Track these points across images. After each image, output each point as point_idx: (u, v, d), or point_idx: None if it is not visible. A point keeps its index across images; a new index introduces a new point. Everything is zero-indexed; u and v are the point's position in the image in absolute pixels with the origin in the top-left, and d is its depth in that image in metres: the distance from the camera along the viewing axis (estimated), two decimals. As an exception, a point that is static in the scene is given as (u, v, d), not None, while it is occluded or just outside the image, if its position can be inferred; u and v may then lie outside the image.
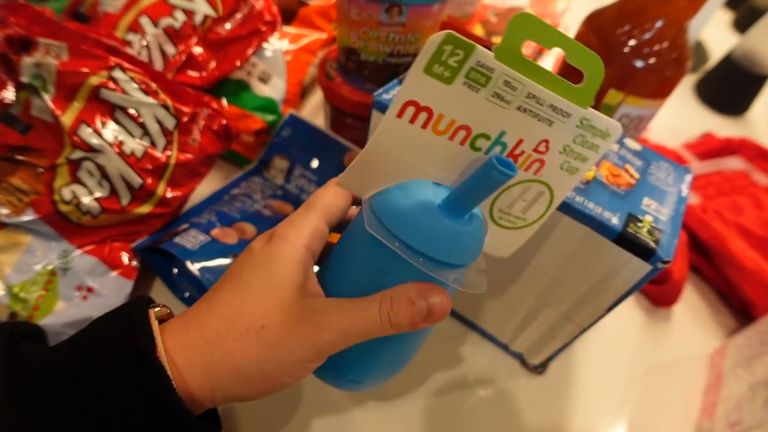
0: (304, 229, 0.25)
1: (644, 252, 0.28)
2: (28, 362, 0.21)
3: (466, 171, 0.23)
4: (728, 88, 0.79)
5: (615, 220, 0.29)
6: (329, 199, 0.26)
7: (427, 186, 0.23)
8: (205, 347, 0.22)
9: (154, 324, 0.22)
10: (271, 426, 0.36)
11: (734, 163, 0.65)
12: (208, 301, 0.24)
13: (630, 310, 0.50)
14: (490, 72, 0.20)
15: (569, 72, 0.50)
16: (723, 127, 0.76)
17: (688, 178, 0.34)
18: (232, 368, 0.22)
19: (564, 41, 0.20)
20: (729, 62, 0.77)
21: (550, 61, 0.63)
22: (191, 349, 0.22)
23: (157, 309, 0.24)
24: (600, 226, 0.29)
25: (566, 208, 0.29)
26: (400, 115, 0.20)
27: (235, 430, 0.36)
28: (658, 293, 0.50)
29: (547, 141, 0.23)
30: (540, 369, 0.43)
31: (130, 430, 0.20)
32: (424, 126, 0.21)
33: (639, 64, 0.43)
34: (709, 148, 0.66)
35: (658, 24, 0.43)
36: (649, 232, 0.29)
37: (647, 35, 0.43)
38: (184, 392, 0.21)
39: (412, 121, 0.21)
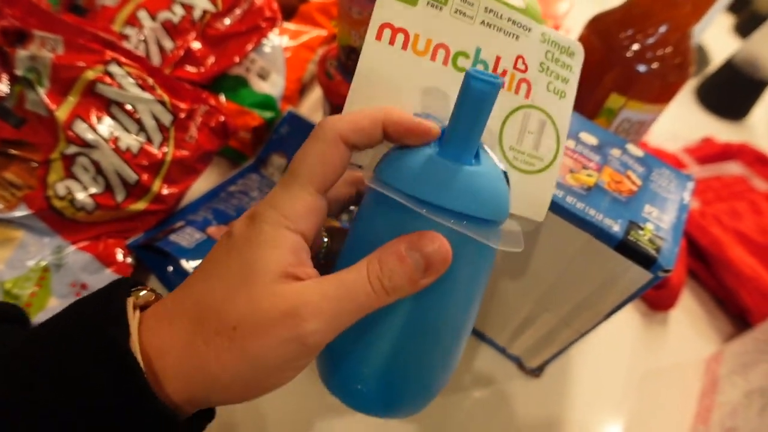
0: (288, 207, 0.20)
1: (645, 260, 0.28)
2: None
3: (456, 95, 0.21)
4: (729, 92, 0.79)
5: (616, 228, 0.29)
6: (314, 161, 0.21)
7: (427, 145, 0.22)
8: (177, 355, 0.19)
9: (131, 317, 0.20)
10: (265, 426, 0.36)
11: (733, 169, 0.65)
12: (183, 290, 0.21)
13: (627, 315, 0.50)
14: None
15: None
16: (723, 132, 0.76)
17: (690, 185, 0.34)
18: (209, 379, 0.19)
19: None
20: (730, 67, 0.77)
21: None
22: (166, 355, 0.19)
23: (141, 293, 0.22)
24: (601, 233, 0.29)
25: (567, 214, 0.29)
26: (378, 37, 0.21)
27: (232, 427, 0.35)
28: (656, 298, 0.50)
29: (521, 57, 0.24)
30: (537, 372, 0.43)
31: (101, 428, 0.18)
32: (404, 47, 0.22)
33: (642, 68, 0.43)
34: (709, 152, 0.66)
35: (662, 29, 0.42)
36: (650, 240, 0.29)
37: (651, 40, 0.43)
38: (161, 395, 0.19)
39: (391, 42, 0.22)
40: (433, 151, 0.21)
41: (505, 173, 0.22)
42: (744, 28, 1.01)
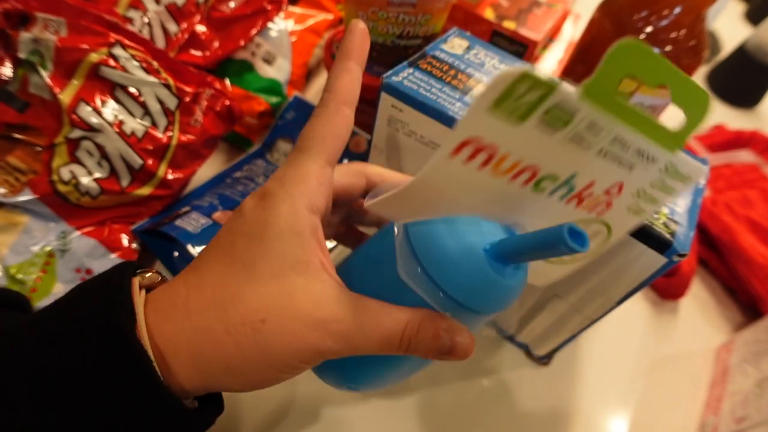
0: (303, 185, 0.20)
1: (660, 244, 0.28)
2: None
3: (523, 211, 0.20)
4: (740, 79, 0.78)
5: (631, 211, 0.28)
6: (321, 132, 0.21)
7: (475, 223, 0.21)
8: (192, 337, 0.19)
9: (137, 301, 0.19)
10: (271, 413, 0.36)
11: (745, 156, 0.64)
12: (196, 273, 0.20)
13: (637, 303, 0.50)
14: (572, 114, 0.16)
15: (577, 62, 0.48)
16: (734, 119, 0.75)
17: (705, 169, 0.33)
18: (225, 363, 0.19)
19: (673, 77, 0.17)
20: (742, 54, 0.76)
21: (557, 48, 0.62)
22: (177, 335, 0.19)
23: (147, 275, 0.21)
24: (615, 217, 0.28)
25: (580, 197, 0.28)
26: (455, 153, 0.17)
27: (233, 422, 0.35)
28: (666, 286, 0.50)
29: (621, 185, 0.20)
30: (545, 360, 0.42)
31: (105, 419, 0.18)
32: (482, 166, 0.17)
33: (655, 51, 0.42)
34: (720, 140, 0.65)
35: (677, 11, 0.41)
36: (665, 225, 0.28)
37: (664, 22, 0.42)
38: (171, 382, 0.19)
39: (468, 160, 0.17)
40: (480, 246, 0.20)
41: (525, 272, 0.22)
42: (755, 15, 0.99)
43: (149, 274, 0.22)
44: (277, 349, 0.19)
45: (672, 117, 0.66)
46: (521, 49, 0.51)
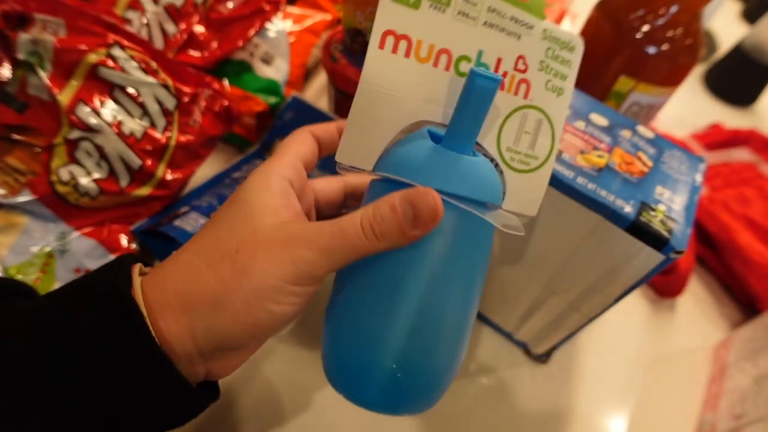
0: (274, 162, 0.24)
1: (657, 241, 0.28)
2: (9, 312, 0.21)
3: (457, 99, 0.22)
4: (737, 78, 0.78)
5: (628, 209, 0.28)
6: (291, 141, 0.26)
7: (424, 134, 0.23)
8: (178, 278, 0.21)
9: (134, 269, 0.22)
10: (275, 411, 0.36)
11: (742, 155, 0.64)
12: (186, 243, 0.23)
13: (634, 301, 0.50)
14: None
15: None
16: (731, 118, 0.75)
17: (702, 167, 0.34)
18: (209, 297, 0.20)
19: None
20: (738, 52, 0.76)
21: None
22: (164, 281, 0.21)
23: (146, 267, 0.24)
24: (612, 215, 0.28)
25: (578, 195, 0.29)
26: (381, 45, 0.21)
27: (234, 425, 0.35)
28: (664, 284, 0.50)
29: (522, 57, 0.24)
30: (544, 358, 0.42)
31: (98, 368, 0.19)
32: (407, 55, 0.22)
33: (651, 50, 0.42)
34: (717, 139, 0.65)
35: (673, 9, 0.42)
36: (662, 222, 0.28)
37: (661, 21, 0.42)
38: (162, 332, 0.20)
39: (394, 50, 0.22)
40: (432, 145, 0.22)
41: (495, 163, 0.25)
42: (751, 14, 0.99)
43: (148, 267, 0.23)
44: (254, 272, 0.20)
45: (671, 115, 0.66)
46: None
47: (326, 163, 0.47)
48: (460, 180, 0.21)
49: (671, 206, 0.30)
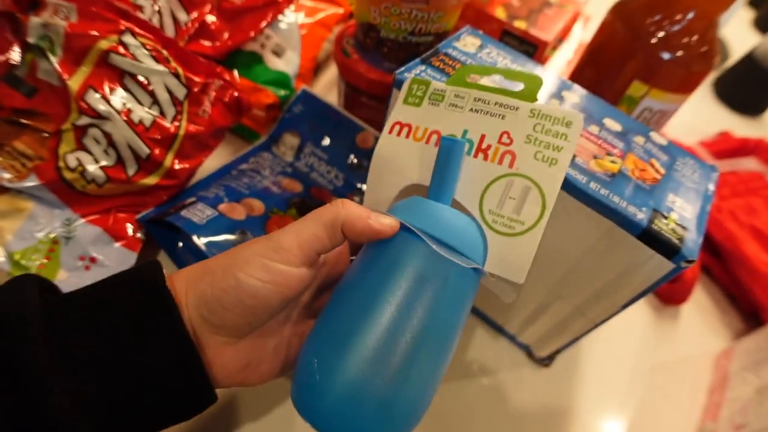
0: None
1: (668, 250, 0.28)
2: (57, 300, 0.23)
3: None
4: (747, 87, 0.78)
5: (640, 216, 0.28)
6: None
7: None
8: (192, 269, 0.25)
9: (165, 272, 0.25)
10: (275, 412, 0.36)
11: (750, 164, 0.64)
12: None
13: (638, 307, 0.50)
14: (443, 92, 0.28)
15: (587, 65, 0.48)
16: (740, 127, 0.75)
17: (715, 176, 0.33)
18: (202, 266, 0.25)
19: (500, 70, 0.28)
20: (749, 61, 0.75)
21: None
22: (185, 273, 0.25)
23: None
24: (624, 221, 0.28)
25: (590, 200, 0.29)
26: (390, 131, 0.29)
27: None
28: (668, 291, 0.50)
29: (507, 132, 0.27)
30: (546, 362, 0.42)
31: (134, 344, 0.23)
32: (407, 136, 0.28)
33: (666, 56, 0.42)
34: (725, 147, 0.65)
35: (690, 16, 0.41)
36: (674, 230, 0.28)
37: (677, 27, 0.42)
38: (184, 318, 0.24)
39: (398, 134, 0.29)
40: (420, 198, 0.26)
41: (479, 226, 0.26)
42: (763, 23, 0.99)
43: None
44: (238, 251, 0.24)
45: (680, 122, 0.65)
46: (531, 49, 0.51)
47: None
48: (430, 220, 0.25)
49: (683, 214, 0.29)
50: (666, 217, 0.29)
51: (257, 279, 0.23)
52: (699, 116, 0.73)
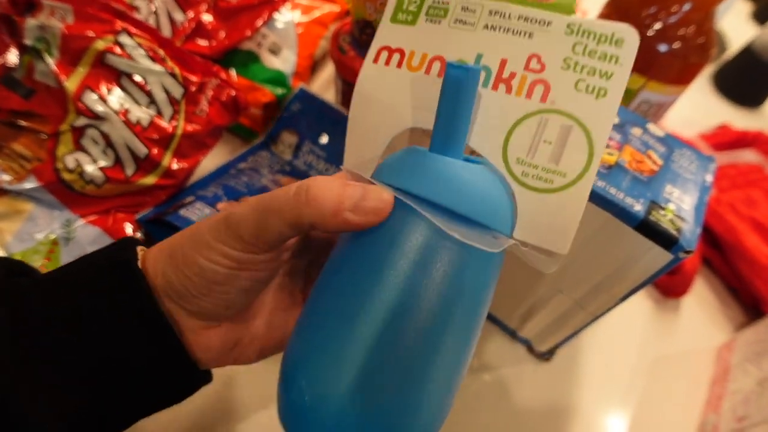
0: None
1: (666, 241, 0.28)
2: (19, 286, 0.22)
3: None
4: (746, 79, 0.78)
5: (638, 207, 0.28)
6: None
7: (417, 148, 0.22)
8: (160, 246, 0.23)
9: (139, 249, 0.23)
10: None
11: (749, 156, 0.64)
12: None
13: (639, 300, 0.50)
14: (446, 4, 0.22)
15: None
16: (739, 119, 0.74)
17: (712, 167, 0.33)
18: (168, 246, 0.22)
19: None
20: (748, 53, 0.75)
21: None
22: (155, 252, 0.23)
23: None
24: (622, 213, 0.28)
25: (587, 192, 0.28)
26: (375, 60, 0.23)
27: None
28: (669, 284, 0.50)
29: (537, 56, 0.21)
30: (547, 356, 0.42)
31: (109, 327, 0.21)
32: (399, 65, 0.22)
33: (663, 48, 0.42)
34: (724, 140, 0.65)
35: (686, 7, 0.41)
36: (672, 221, 0.28)
37: (673, 18, 0.42)
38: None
39: (387, 63, 0.22)
40: (421, 150, 0.20)
41: (504, 181, 0.20)
42: (762, 15, 0.99)
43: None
44: (196, 231, 0.22)
45: (679, 114, 0.65)
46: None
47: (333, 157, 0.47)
48: (436, 184, 0.19)
49: (681, 206, 0.29)
50: (663, 209, 0.29)
51: (220, 265, 0.21)
52: (697, 109, 0.73)
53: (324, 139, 0.48)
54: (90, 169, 0.38)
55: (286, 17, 0.51)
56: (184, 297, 0.22)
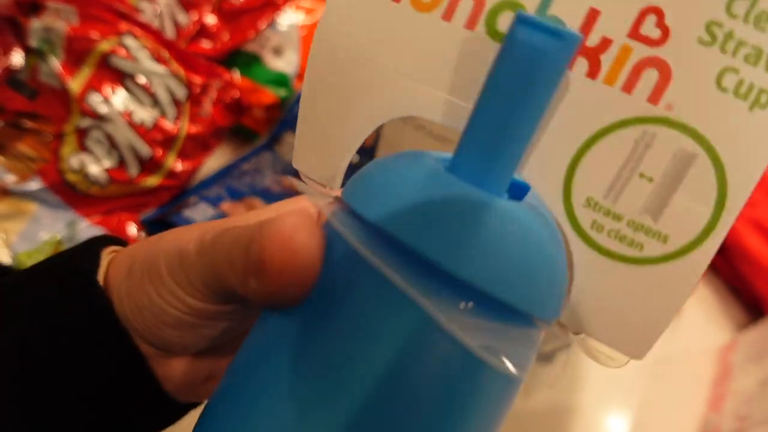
0: None
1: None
2: None
3: None
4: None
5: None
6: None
7: (422, 155, 0.13)
8: (125, 253, 0.19)
9: (104, 252, 0.19)
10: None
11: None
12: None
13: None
14: None
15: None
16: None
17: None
18: (128, 257, 0.18)
19: None
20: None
21: None
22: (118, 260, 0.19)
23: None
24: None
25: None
26: None
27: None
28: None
29: (657, 10, 0.11)
30: (548, 357, 0.42)
31: (63, 350, 0.17)
32: None
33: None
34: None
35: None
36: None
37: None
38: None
39: None
40: (434, 165, 0.12)
41: (555, 229, 0.12)
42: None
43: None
44: (157, 262, 0.16)
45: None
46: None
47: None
48: (468, 248, 0.11)
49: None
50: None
51: (173, 307, 0.16)
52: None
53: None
54: (94, 170, 0.38)
55: (289, 19, 0.51)
56: (133, 329, 0.17)
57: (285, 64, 0.51)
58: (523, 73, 0.11)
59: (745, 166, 0.12)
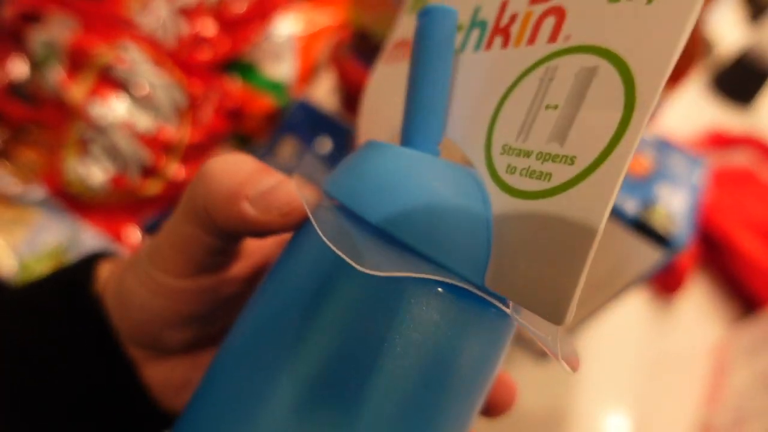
0: None
1: (658, 240, 0.29)
2: None
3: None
4: (739, 80, 0.79)
5: (630, 207, 0.29)
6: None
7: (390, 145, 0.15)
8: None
9: (100, 266, 0.19)
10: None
11: (740, 158, 0.65)
12: None
13: (635, 299, 0.51)
14: None
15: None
16: (732, 120, 0.76)
17: (703, 168, 0.34)
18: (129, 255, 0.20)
19: None
20: (741, 54, 0.77)
21: None
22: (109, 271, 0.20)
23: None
24: (614, 213, 0.29)
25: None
26: (389, 59, 0.18)
27: None
28: (661, 279, 0.51)
29: None
30: (543, 356, 0.43)
31: (57, 361, 0.18)
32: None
33: None
34: (717, 141, 0.66)
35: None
36: (663, 221, 0.29)
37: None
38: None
39: (403, 58, 0.17)
40: (389, 145, 0.14)
41: (482, 188, 0.13)
42: (755, 16, 1.00)
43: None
44: (139, 252, 0.18)
45: (671, 115, 0.66)
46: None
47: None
48: (378, 193, 0.13)
49: (672, 205, 0.30)
50: (655, 209, 0.30)
51: (150, 291, 0.16)
52: (690, 110, 0.74)
53: (324, 149, 0.49)
54: (96, 177, 0.39)
55: (286, 27, 0.52)
56: (125, 333, 0.18)
57: (282, 72, 0.52)
58: (417, 47, 0.14)
59: (650, 58, 0.11)
